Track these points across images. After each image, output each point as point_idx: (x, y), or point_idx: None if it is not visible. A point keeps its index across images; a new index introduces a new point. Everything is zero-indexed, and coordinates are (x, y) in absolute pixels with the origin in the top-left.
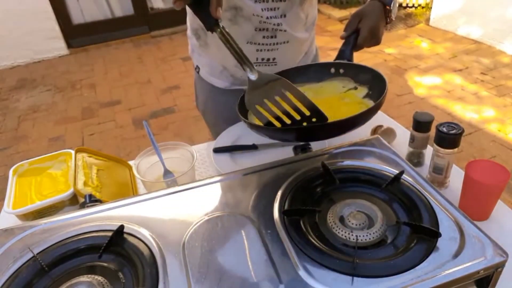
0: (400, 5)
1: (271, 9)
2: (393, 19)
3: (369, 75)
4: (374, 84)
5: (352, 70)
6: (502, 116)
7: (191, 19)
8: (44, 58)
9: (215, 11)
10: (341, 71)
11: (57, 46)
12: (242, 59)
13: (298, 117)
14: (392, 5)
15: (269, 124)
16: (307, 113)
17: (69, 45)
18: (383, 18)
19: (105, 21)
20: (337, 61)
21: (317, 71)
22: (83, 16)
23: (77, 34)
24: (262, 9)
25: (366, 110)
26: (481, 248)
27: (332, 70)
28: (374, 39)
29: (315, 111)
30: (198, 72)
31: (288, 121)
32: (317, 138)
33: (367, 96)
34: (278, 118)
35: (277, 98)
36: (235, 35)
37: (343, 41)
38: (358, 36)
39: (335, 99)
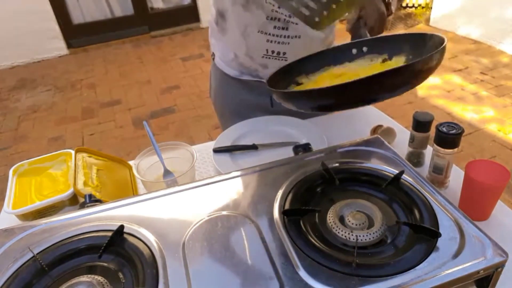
0: (400, 5)
1: None
2: (393, 11)
3: (401, 43)
4: (413, 48)
5: (378, 45)
6: (502, 116)
7: (215, 1)
8: (44, 58)
9: None
10: (364, 49)
11: (57, 46)
12: None
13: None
14: None
15: None
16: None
17: (69, 45)
18: (383, 7)
19: (105, 21)
20: (358, 39)
21: (337, 55)
22: (83, 16)
23: (77, 34)
24: None
25: (437, 51)
26: (481, 248)
27: (354, 51)
28: (381, 24)
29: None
30: (213, 59)
31: None
32: (364, 98)
33: (409, 61)
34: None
35: None
36: (247, 22)
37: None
38: (364, 22)
39: (375, 68)
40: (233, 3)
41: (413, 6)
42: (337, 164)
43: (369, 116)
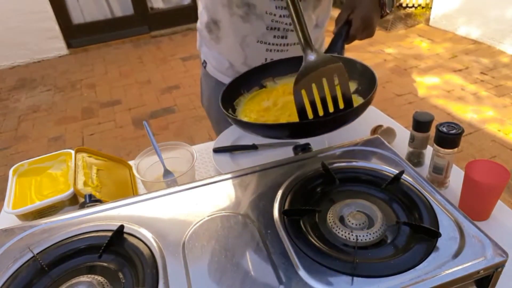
0: (400, 5)
1: (285, 8)
2: (388, 12)
3: (358, 70)
4: (364, 79)
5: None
6: (502, 116)
7: (208, 10)
8: (44, 58)
9: None
10: None
11: (57, 46)
12: (306, 39)
13: (332, 109)
14: None
15: (302, 112)
16: (341, 105)
17: (69, 45)
18: (377, 9)
19: (105, 21)
20: (329, 53)
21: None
22: (83, 16)
23: (77, 34)
24: (276, 7)
25: (353, 109)
26: (481, 248)
27: None
28: (367, 30)
29: (349, 104)
30: (205, 67)
31: (311, 116)
32: (303, 135)
33: (356, 91)
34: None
35: (324, 82)
36: (246, 33)
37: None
38: (350, 27)
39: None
40: (231, 14)
41: (413, 6)
42: (337, 164)
43: (369, 116)
